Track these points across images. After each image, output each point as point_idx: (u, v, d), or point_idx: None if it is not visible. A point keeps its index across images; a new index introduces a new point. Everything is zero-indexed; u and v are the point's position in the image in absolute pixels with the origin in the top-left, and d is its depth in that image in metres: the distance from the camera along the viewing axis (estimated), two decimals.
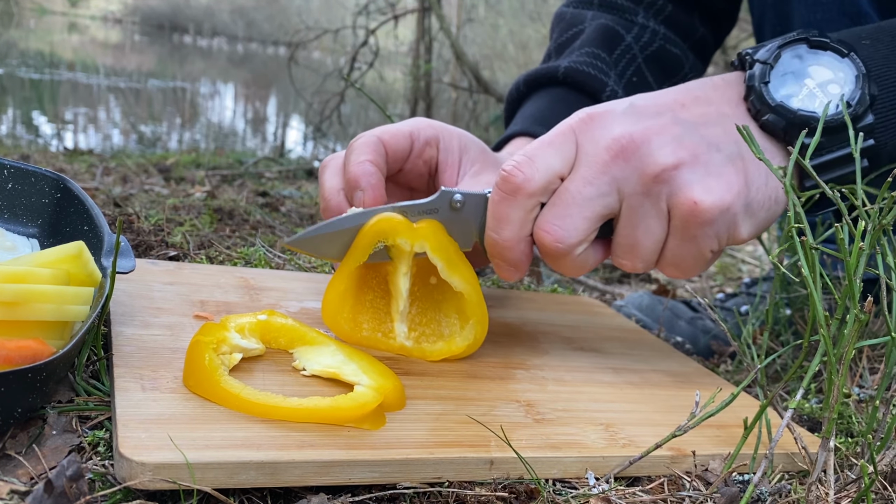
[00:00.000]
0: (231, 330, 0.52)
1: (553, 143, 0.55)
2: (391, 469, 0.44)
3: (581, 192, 0.54)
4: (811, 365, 0.47)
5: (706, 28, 0.90)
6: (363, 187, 0.59)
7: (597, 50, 0.82)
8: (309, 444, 0.43)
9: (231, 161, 1.88)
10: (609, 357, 0.67)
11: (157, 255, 0.80)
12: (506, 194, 0.55)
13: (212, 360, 0.47)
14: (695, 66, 0.89)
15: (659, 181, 0.53)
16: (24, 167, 0.63)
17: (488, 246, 0.57)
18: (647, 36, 0.85)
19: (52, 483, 0.36)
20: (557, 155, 0.55)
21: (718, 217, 0.54)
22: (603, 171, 0.54)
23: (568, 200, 0.55)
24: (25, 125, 3.27)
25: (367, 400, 0.47)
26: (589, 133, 0.55)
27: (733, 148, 0.55)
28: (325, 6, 8.46)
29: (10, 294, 0.45)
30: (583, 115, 0.56)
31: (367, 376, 0.50)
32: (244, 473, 0.40)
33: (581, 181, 0.54)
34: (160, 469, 0.39)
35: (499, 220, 0.56)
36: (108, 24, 12.33)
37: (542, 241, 0.55)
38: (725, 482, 0.49)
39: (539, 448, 0.49)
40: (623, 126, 0.54)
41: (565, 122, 0.56)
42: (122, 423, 0.41)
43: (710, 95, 0.58)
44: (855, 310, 0.44)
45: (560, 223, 0.54)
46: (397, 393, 0.50)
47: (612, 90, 0.80)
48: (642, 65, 0.84)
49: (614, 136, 0.54)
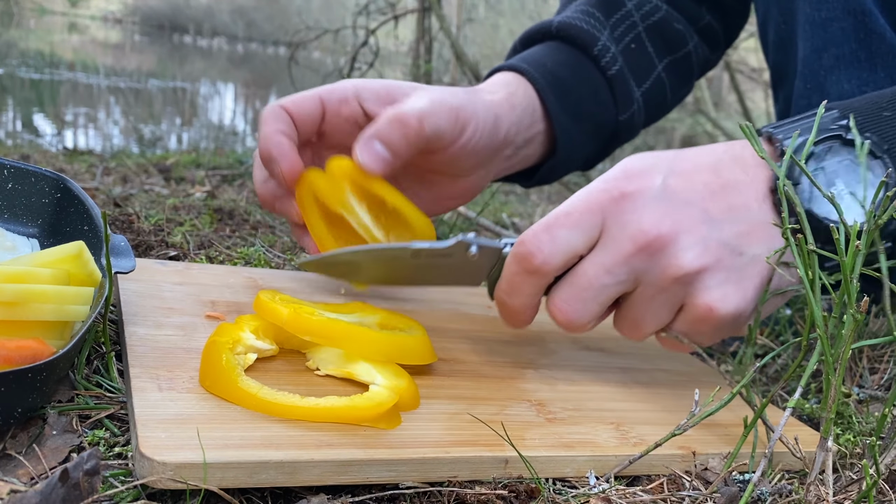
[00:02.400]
0: (246, 331, 0.52)
1: (579, 223, 0.53)
2: (408, 468, 0.44)
3: (599, 279, 0.53)
4: (808, 364, 0.47)
5: (714, 17, 0.88)
6: (275, 157, 0.60)
7: (592, 9, 0.81)
8: (327, 443, 0.43)
9: (231, 161, 1.88)
10: (616, 356, 0.67)
11: (157, 255, 0.80)
12: (523, 270, 0.54)
13: (229, 361, 0.48)
14: (699, 48, 0.87)
15: (679, 283, 0.53)
16: (24, 167, 0.63)
17: (498, 303, 0.58)
18: (649, 6, 0.83)
19: (69, 473, 0.36)
20: (581, 235, 0.53)
21: (730, 322, 0.54)
22: (625, 261, 0.53)
23: (584, 284, 0.54)
24: (25, 125, 3.27)
25: (383, 399, 0.47)
26: (618, 216, 0.53)
27: (755, 250, 0.54)
28: (325, 6, 8.47)
29: (10, 294, 0.45)
30: (615, 193, 0.53)
31: (382, 376, 0.50)
32: (264, 473, 0.41)
33: (601, 267, 0.53)
34: (181, 469, 0.39)
35: (511, 288, 0.56)
36: (108, 24, 12.33)
37: (555, 317, 0.55)
38: (725, 482, 0.49)
39: (553, 447, 0.49)
40: (653, 216, 0.52)
41: (595, 197, 0.53)
42: (142, 423, 0.42)
43: (740, 181, 0.55)
44: (852, 310, 0.44)
45: (574, 306, 0.54)
46: (412, 392, 0.50)
47: (605, 45, 0.78)
48: (643, 33, 0.82)
49: (643, 228, 0.52)
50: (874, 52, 0.71)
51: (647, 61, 0.82)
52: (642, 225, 0.52)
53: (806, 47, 0.74)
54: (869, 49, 0.71)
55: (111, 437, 0.45)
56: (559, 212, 0.54)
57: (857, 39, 0.71)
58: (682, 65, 0.86)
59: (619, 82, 0.79)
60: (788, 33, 0.78)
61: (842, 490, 0.49)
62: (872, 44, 0.70)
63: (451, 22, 4.30)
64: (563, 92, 0.75)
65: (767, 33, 0.83)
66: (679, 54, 0.85)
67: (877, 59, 0.70)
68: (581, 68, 0.78)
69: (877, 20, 0.70)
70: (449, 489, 0.45)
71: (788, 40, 0.78)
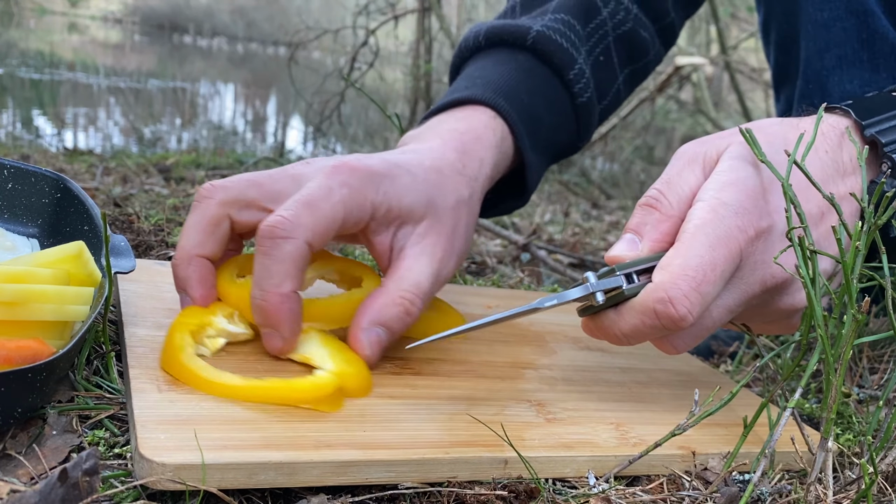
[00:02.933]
0: (218, 314, 0.53)
1: (725, 274, 0.49)
2: (408, 469, 0.44)
3: (722, 320, 0.51)
4: (809, 364, 0.47)
5: (676, 13, 0.85)
6: (282, 330, 0.51)
7: (572, 20, 0.75)
8: (326, 444, 0.44)
9: (231, 161, 1.88)
10: (615, 356, 0.67)
11: (157, 255, 0.80)
12: (663, 326, 0.49)
13: (181, 340, 0.49)
14: (658, 53, 0.85)
15: (785, 315, 0.54)
16: (24, 167, 0.63)
17: (603, 335, 0.53)
18: (621, 14, 0.79)
19: (68, 473, 0.36)
20: (723, 285, 0.50)
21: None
22: (748, 301, 0.52)
23: (709, 325, 0.51)
24: (25, 125, 3.27)
25: (322, 383, 0.48)
26: (751, 257, 0.50)
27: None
28: (325, 6, 8.46)
29: (10, 294, 0.45)
30: (751, 233, 0.50)
31: (333, 362, 0.51)
32: (263, 474, 0.41)
33: (726, 310, 0.51)
34: (181, 470, 0.39)
35: (637, 335, 0.51)
36: (108, 24, 12.32)
37: (662, 349, 0.53)
38: (725, 481, 0.49)
39: (552, 447, 0.49)
40: (782, 259, 0.50)
41: (734, 241, 0.49)
42: (141, 424, 0.42)
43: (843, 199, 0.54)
44: (852, 310, 0.44)
45: (690, 343, 0.52)
46: (360, 380, 0.50)
47: (580, 69, 0.74)
48: (612, 44, 0.79)
49: (774, 274, 0.51)
50: (877, 53, 0.71)
51: (611, 74, 0.79)
52: (774, 270, 0.51)
53: (808, 47, 0.74)
54: (871, 50, 0.71)
55: (111, 438, 0.45)
56: (704, 264, 0.48)
57: (859, 40, 0.71)
58: (639, 73, 0.84)
59: (586, 111, 0.76)
60: (791, 33, 0.78)
61: (841, 490, 0.49)
62: (875, 44, 0.70)
63: (451, 22, 4.30)
64: (536, 128, 0.70)
65: (770, 33, 0.83)
66: (639, 64, 0.82)
67: (879, 60, 0.70)
68: (553, 96, 0.73)
69: (879, 21, 0.70)
70: (448, 489, 0.45)
71: (791, 40, 0.78)
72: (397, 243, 0.56)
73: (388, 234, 0.56)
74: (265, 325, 0.51)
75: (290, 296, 0.50)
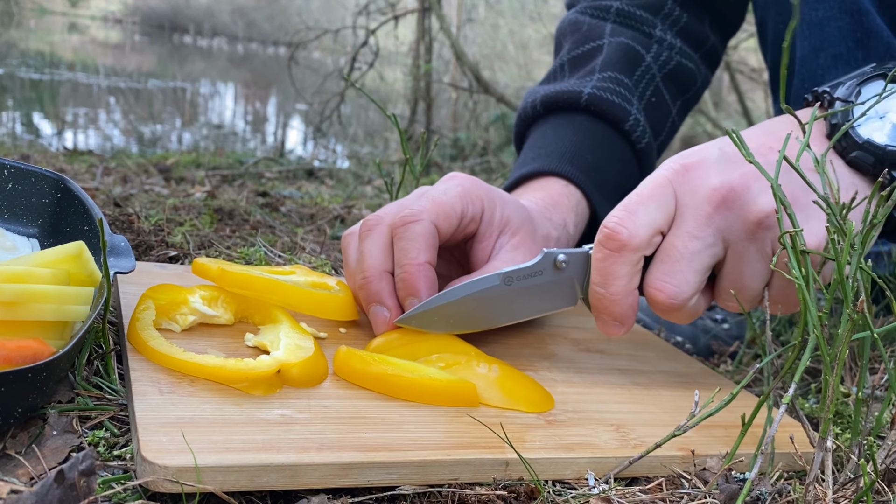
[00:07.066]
0: (196, 294, 0.56)
1: (652, 197, 0.55)
2: (409, 471, 0.44)
3: (688, 247, 0.55)
4: (801, 361, 0.47)
5: (716, 35, 0.90)
6: (420, 296, 0.57)
7: (619, 75, 0.82)
8: (328, 446, 0.44)
9: (231, 161, 1.88)
10: (615, 358, 0.67)
11: (157, 255, 0.80)
12: (611, 251, 0.55)
13: (143, 310, 0.53)
14: (706, 78, 0.90)
15: (763, 227, 0.54)
16: (24, 167, 0.63)
17: (595, 301, 0.58)
18: (665, 53, 0.85)
19: (65, 474, 0.36)
20: (658, 209, 0.55)
21: (819, 257, 0.54)
22: (707, 223, 0.54)
23: (676, 256, 0.55)
24: (25, 125, 3.27)
25: (256, 367, 0.48)
26: (686, 184, 0.55)
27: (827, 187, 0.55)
28: (325, 6, 8.46)
29: (10, 294, 0.45)
30: (676, 167, 0.56)
31: (283, 351, 0.52)
32: (265, 476, 0.41)
33: (686, 236, 0.55)
34: (182, 472, 0.39)
35: (605, 276, 0.56)
36: (108, 24, 12.32)
37: (656, 298, 0.56)
38: (726, 480, 0.49)
39: (553, 449, 0.49)
40: (720, 175, 0.54)
41: (660, 174, 0.56)
42: (143, 426, 0.42)
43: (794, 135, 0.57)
44: (848, 310, 0.44)
45: (671, 280, 0.55)
46: (308, 370, 0.51)
47: (636, 119, 0.80)
48: (660, 83, 0.84)
49: (714, 187, 0.54)
50: (871, 52, 0.71)
51: (664, 111, 0.85)
52: (712, 183, 0.54)
53: (804, 46, 0.74)
54: (866, 48, 0.71)
55: (111, 438, 0.45)
56: (631, 195, 0.56)
57: (854, 39, 0.71)
58: (691, 101, 0.90)
59: (646, 154, 0.82)
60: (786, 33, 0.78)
61: (840, 489, 0.49)
62: (869, 43, 0.71)
63: (451, 22, 4.30)
64: (604, 182, 0.77)
65: (766, 33, 0.83)
66: (690, 93, 0.88)
67: (873, 59, 0.71)
68: (614, 146, 0.80)
69: (874, 20, 0.70)
70: (449, 490, 0.45)
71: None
72: (495, 250, 0.63)
73: (491, 241, 0.63)
74: (403, 295, 0.58)
75: (424, 265, 0.57)
